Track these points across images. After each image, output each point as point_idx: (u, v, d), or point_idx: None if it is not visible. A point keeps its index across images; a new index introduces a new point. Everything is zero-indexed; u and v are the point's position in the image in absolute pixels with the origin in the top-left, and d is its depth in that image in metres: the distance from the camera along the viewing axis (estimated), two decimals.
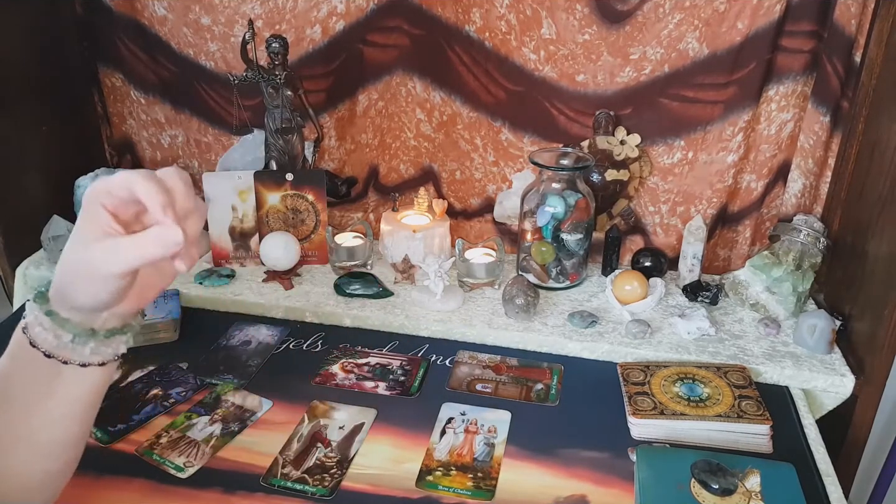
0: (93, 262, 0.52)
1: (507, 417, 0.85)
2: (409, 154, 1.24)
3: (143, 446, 0.79)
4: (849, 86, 1.01)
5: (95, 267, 0.52)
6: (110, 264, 0.52)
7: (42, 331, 0.56)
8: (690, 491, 0.68)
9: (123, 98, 1.28)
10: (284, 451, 0.79)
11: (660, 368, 0.89)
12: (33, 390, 0.58)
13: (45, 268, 1.13)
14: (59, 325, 0.56)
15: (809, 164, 1.07)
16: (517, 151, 1.17)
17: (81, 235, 0.53)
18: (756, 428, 0.80)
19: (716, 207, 1.13)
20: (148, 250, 0.51)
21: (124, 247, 0.51)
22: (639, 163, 1.11)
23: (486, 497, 0.73)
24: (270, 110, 1.10)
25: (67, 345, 0.56)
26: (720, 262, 1.19)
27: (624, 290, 1.04)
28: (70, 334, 0.56)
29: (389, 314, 1.03)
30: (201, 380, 0.90)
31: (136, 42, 1.22)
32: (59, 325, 0.56)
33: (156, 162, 1.32)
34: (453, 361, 0.96)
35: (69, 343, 0.56)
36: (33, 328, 0.57)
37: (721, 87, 1.05)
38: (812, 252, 1.05)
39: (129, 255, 0.51)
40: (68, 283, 0.55)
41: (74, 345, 0.56)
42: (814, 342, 0.95)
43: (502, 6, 1.07)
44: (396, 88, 1.19)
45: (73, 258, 0.54)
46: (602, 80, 1.08)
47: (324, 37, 1.15)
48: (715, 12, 1.01)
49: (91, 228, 0.52)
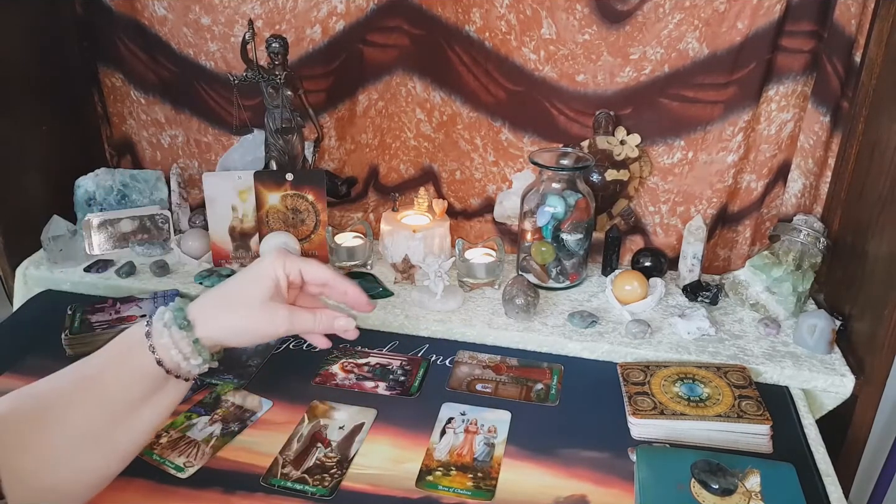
0: (259, 321, 0.66)
1: (507, 417, 0.85)
2: (409, 154, 1.25)
3: None
4: (849, 86, 1.01)
5: (259, 326, 0.67)
6: (278, 327, 0.67)
7: (173, 348, 0.63)
8: (690, 491, 0.68)
9: (123, 98, 1.28)
10: (284, 451, 0.79)
11: (660, 368, 0.89)
12: (133, 396, 0.63)
13: (44, 268, 1.13)
14: (197, 351, 0.64)
15: (809, 164, 1.07)
16: (517, 151, 1.17)
17: (251, 291, 0.67)
18: (756, 428, 0.80)
19: (716, 207, 1.13)
20: (320, 327, 0.70)
21: (300, 319, 0.68)
22: (639, 163, 1.11)
23: (486, 497, 0.73)
24: (270, 110, 1.10)
25: (191, 364, 0.64)
26: (720, 262, 1.19)
27: (624, 290, 1.04)
28: (202, 359, 0.65)
29: (389, 314, 1.03)
30: (201, 380, 0.90)
31: (136, 42, 1.22)
32: (198, 351, 0.64)
33: (156, 162, 1.32)
34: (453, 361, 0.96)
35: (194, 364, 0.64)
36: (160, 341, 0.63)
37: (721, 87, 1.05)
38: (812, 252, 1.05)
39: (299, 326, 0.69)
40: (221, 321, 0.66)
41: (195, 364, 0.64)
42: (814, 342, 0.95)
43: (502, 6, 1.07)
44: (396, 88, 1.19)
45: (240, 307, 0.67)
46: (602, 80, 1.08)
47: (324, 37, 1.15)
48: (715, 12, 1.01)
49: (262, 289, 0.67)
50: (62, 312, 0.99)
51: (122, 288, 1.08)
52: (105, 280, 1.10)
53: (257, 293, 0.67)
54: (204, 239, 1.16)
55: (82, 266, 1.13)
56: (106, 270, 1.12)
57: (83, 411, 0.61)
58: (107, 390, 0.62)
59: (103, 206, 1.20)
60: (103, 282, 1.10)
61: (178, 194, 1.24)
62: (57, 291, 1.11)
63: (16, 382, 0.87)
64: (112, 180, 1.21)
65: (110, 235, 1.18)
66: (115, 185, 1.21)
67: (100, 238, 1.17)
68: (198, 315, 0.65)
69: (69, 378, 0.62)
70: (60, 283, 1.11)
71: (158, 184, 1.25)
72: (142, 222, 1.19)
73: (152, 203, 1.23)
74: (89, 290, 1.10)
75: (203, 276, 1.09)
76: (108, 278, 1.10)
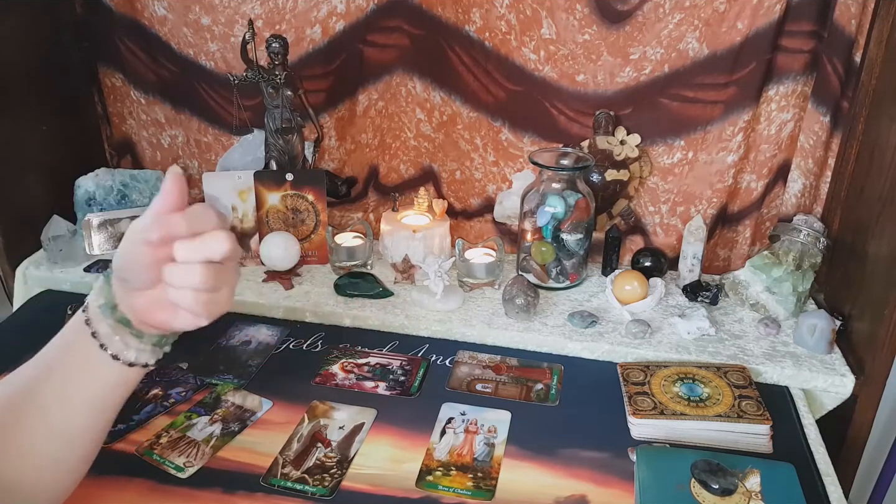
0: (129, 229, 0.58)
1: (507, 417, 0.85)
2: (409, 154, 1.24)
3: (143, 446, 0.79)
4: (849, 86, 1.01)
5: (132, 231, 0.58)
6: (131, 231, 0.57)
7: (102, 324, 0.60)
8: (690, 491, 0.68)
9: (123, 98, 1.28)
10: (284, 451, 0.79)
11: (660, 368, 0.89)
12: (69, 371, 0.61)
13: (44, 268, 1.13)
14: (122, 324, 0.60)
15: (809, 164, 1.07)
16: (517, 151, 1.17)
17: None
18: (756, 428, 0.80)
19: (716, 207, 1.13)
20: None
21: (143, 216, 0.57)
22: (639, 163, 1.11)
23: (486, 497, 0.73)
24: (270, 110, 1.10)
25: (117, 339, 0.60)
26: (720, 262, 1.19)
27: (624, 290, 1.04)
28: (130, 332, 0.60)
29: (389, 314, 1.03)
30: (201, 380, 0.90)
31: (136, 42, 1.22)
32: (122, 324, 0.60)
33: (156, 162, 1.32)
34: (453, 361, 0.96)
35: (126, 342, 0.60)
36: (94, 320, 0.61)
37: (721, 87, 1.05)
38: (812, 252, 1.05)
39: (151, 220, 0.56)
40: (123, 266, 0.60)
41: (122, 339, 0.60)
42: (814, 342, 0.95)
43: (502, 6, 1.07)
44: (396, 88, 1.19)
45: None
46: (602, 80, 1.08)
47: (324, 37, 1.15)
48: (715, 12, 1.01)
49: None
50: (62, 312, 0.99)
51: None
52: None
53: None
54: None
55: (82, 266, 1.13)
56: (106, 270, 1.12)
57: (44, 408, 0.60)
58: (53, 362, 0.61)
59: (103, 206, 1.20)
60: None
61: None
62: (57, 291, 1.11)
63: None
64: (112, 180, 1.21)
65: (110, 235, 1.18)
66: (115, 185, 1.21)
67: (100, 238, 1.17)
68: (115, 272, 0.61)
69: (27, 379, 0.62)
70: (60, 283, 1.11)
71: (158, 184, 1.25)
72: None
73: None
74: (89, 290, 1.07)
75: None
76: None
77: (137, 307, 0.60)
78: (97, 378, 0.60)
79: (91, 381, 0.60)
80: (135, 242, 0.56)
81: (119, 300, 0.60)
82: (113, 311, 0.60)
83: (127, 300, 0.60)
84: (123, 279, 0.60)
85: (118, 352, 0.60)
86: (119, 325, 0.60)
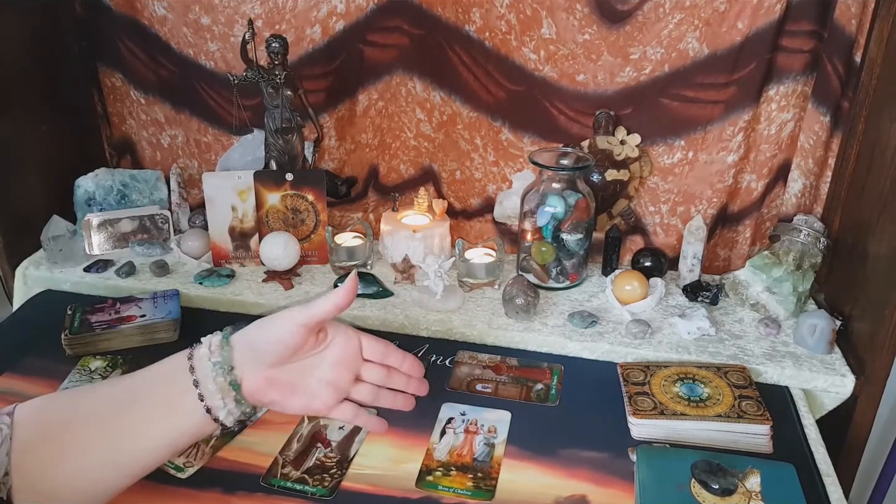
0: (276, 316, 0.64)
1: (507, 417, 0.84)
2: (409, 154, 1.24)
3: None
4: (849, 86, 1.01)
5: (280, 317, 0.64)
6: (294, 311, 0.63)
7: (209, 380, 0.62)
8: (690, 491, 0.68)
9: (123, 98, 1.28)
10: (284, 451, 0.79)
11: (660, 368, 0.89)
12: (155, 406, 0.62)
13: (44, 268, 1.13)
14: (232, 388, 0.63)
15: (809, 164, 1.07)
16: (517, 151, 1.17)
17: None
18: (756, 428, 0.79)
19: (716, 207, 1.13)
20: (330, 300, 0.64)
21: (315, 304, 0.64)
22: (639, 163, 1.11)
23: (486, 497, 0.73)
24: (270, 110, 1.10)
25: (219, 396, 0.62)
26: (720, 262, 1.19)
27: (624, 290, 1.04)
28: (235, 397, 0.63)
29: (389, 314, 1.03)
30: None
31: (136, 42, 1.22)
32: (233, 388, 0.63)
33: (155, 162, 1.32)
34: (453, 361, 0.96)
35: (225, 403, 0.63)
36: (200, 370, 0.62)
37: (721, 87, 1.05)
38: (812, 252, 1.05)
39: (314, 308, 0.63)
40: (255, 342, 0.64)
41: (223, 398, 0.62)
42: (814, 342, 0.95)
43: (502, 6, 1.07)
44: (396, 88, 1.19)
45: None
46: (602, 80, 1.08)
47: (324, 37, 1.15)
48: (715, 12, 1.01)
49: None
50: (62, 312, 0.99)
51: (122, 288, 1.08)
52: (105, 280, 1.10)
53: None
54: (204, 239, 1.16)
55: (82, 266, 1.13)
56: (106, 270, 1.12)
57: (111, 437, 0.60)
58: (139, 396, 0.61)
59: (103, 206, 1.20)
60: (103, 282, 1.10)
61: (177, 194, 1.24)
62: (57, 291, 1.11)
63: (16, 382, 0.88)
64: (112, 180, 1.21)
65: (110, 235, 1.18)
66: (114, 185, 1.21)
67: (99, 238, 1.17)
68: (240, 347, 0.64)
69: (105, 400, 0.61)
70: (60, 283, 1.11)
71: (158, 184, 1.25)
72: (141, 222, 1.19)
73: (152, 203, 1.23)
74: (89, 290, 1.10)
75: (203, 276, 1.09)
76: (107, 278, 1.10)
77: (254, 379, 0.63)
78: (180, 422, 0.62)
79: (173, 422, 0.61)
80: (294, 322, 0.62)
81: (237, 364, 0.62)
82: (228, 372, 0.62)
83: (247, 368, 0.62)
84: (254, 348, 0.63)
85: (214, 407, 0.62)
86: (229, 387, 0.62)
